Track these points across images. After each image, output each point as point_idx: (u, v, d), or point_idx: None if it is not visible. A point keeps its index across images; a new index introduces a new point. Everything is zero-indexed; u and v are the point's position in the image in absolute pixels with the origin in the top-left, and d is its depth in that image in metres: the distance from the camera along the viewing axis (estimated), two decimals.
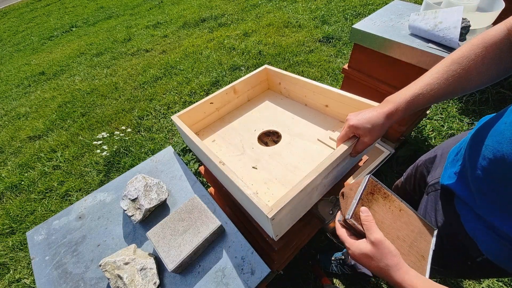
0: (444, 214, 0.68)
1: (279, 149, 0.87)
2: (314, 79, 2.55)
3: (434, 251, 0.54)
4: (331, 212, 0.68)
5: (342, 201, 0.61)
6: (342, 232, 0.56)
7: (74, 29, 4.97)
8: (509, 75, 0.54)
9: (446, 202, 0.69)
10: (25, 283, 1.56)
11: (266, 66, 1.08)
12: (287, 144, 0.88)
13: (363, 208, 0.53)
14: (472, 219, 0.59)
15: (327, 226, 0.68)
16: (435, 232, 0.57)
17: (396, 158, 1.77)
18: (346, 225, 0.56)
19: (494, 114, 0.59)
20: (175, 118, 0.87)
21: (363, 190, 0.56)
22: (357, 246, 0.53)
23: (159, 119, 2.47)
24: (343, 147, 0.65)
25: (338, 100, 0.86)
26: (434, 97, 0.57)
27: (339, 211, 0.60)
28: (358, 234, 0.54)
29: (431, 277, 0.51)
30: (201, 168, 1.15)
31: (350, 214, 0.53)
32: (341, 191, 0.62)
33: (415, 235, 0.55)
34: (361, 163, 0.90)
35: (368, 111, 0.64)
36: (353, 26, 1.32)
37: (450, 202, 0.67)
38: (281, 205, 0.56)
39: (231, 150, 0.90)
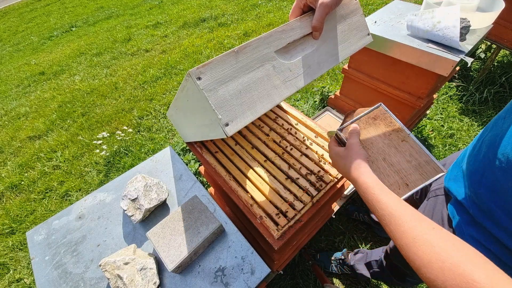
0: (439, 217, 0.69)
1: None
2: (315, 80, 2.54)
3: (428, 191, 0.57)
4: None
5: (344, 119, 0.67)
6: (331, 140, 0.65)
7: (74, 29, 4.96)
8: None
9: (443, 205, 0.69)
10: (25, 283, 1.56)
11: None
12: None
13: (353, 125, 0.60)
14: (464, 223, 0.60)
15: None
16: (441, 174, 0.55)
17: None
18: (337, 139, 0.64)
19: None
20: (169, 114, 0.87)
21: (365, 113, 0.61)
22: (333, 147, 0.61)
23: (159, 119, 2.47)
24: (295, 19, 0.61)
25: None
26: None
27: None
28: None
29: None
30: (201, 168, 1.15)
31: (341, 127, 0.62)
32: (348, 112, 0.68)
33: (410, 166, 0.56)
34: None
35: None
36: None
37: (446, 206, 0.67)
38: (208, 61, 0.50)
39: None
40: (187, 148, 2.05)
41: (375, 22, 1.33)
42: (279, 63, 0.59)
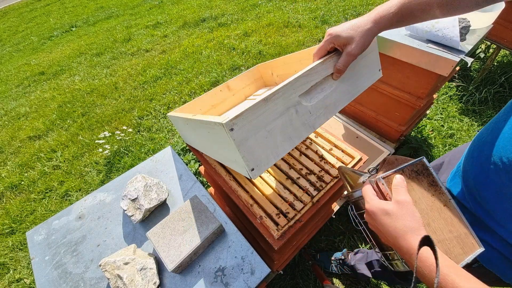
0: None
1: None
2: None
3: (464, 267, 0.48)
4: (361, 182, 0.61)
5: (381, 165, 0.59)
6: (367, 188, 0.53)
7: (74, 29, 4.96)
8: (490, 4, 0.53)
9: None
10: (25, 283, 1.56)
11: (258, 65, 1.09)
12: None
13: (398, 176, 0.50)
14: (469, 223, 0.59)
15: (352, 195, 0.62)
16: (479, 251, 0.51)
17: None
18: (375, 187, 0.54)
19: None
20: (170, 115, 0.87)
21: (409, 164, 0.53)
22: (377, 201, 0.49)
23: (159, 119, 2.47)
24: (318, 61, 0.60)
25: None
26: (428, 4, 0.53)
27: (373, 175, 0.58)
28: (384, 198, 0.51)
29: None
30: (201, 168, 1.15)
31: (384, 175, 0.51)
32: (384, 158, 0.60)
33: (452, 236, 0.51)
34: (361, 163, 0.90)
35: (352, 20, 0.57)
36: None
37: None
38: (238, 111, 0.50)
39: None
40: (187, 148, 2.05)
41: None
42: (302, 107, 0.60)
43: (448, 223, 0.51)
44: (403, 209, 0.45)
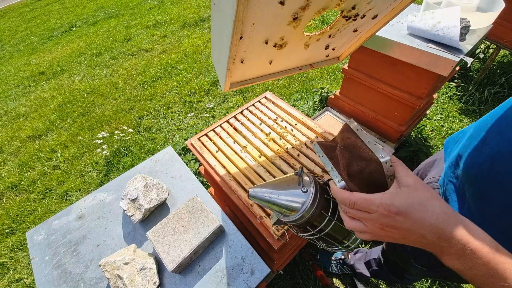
0: None
1: None
2: (314, 79, 2.54)
3: None
4: (304, 190, 0.47)
5: (335, 154, 0.45)
6: (350, 194, 0.39)
7: (74, 29, 4.96)
8: None
9: None
10: (25, 283, 1.56)
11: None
12: None
13: (386, 148, 0.40)
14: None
15: (303, 215, 0.46)
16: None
17: None
18: (350, 186, 0.40)
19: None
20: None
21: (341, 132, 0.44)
22: (378, 198, 0.36)
23: (159, 119, 2.46)
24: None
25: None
26: None
27: (329, 180, 0.45)
28: (372, 189, 0.39)
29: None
30: (201, 168, 1.15)
31: (386, 159, 0.37)
32: (320, 144, 0.47)
33: None
34: None
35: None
36: None
37: None
38: None
39: None
40: (187, 148, 2.05)
41: None
42: None
43: None
44: (424, 192, 0.35)
